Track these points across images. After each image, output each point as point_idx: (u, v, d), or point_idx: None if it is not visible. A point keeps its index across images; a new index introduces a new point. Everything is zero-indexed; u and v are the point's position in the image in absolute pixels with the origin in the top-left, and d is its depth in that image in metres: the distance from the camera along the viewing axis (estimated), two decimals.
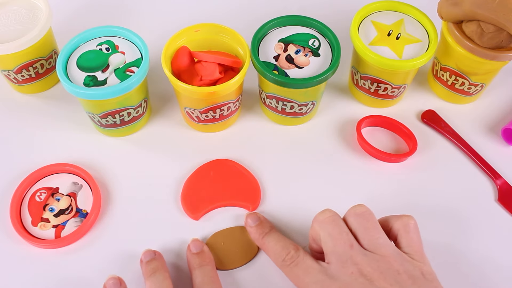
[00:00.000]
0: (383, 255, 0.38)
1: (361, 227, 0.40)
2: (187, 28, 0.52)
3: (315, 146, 0.55)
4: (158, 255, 0.44)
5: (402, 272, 0.37)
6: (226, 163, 0.52)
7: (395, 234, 0.41)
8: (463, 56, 0.52)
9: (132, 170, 0.52)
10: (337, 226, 0.40)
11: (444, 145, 0.55)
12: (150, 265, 0.43)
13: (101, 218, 0.49)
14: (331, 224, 0.40)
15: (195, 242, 0.45)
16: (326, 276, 0.38)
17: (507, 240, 0.48)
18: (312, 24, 0.53)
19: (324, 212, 0.41)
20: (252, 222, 0.46)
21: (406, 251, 0.39)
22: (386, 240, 0.39)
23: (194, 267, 0.43)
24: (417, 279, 0.37)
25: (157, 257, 0.44)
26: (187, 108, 0.52)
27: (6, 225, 0.48)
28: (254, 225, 0.45)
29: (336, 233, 0.39)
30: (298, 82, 0.48)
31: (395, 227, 0.41)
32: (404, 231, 0.40)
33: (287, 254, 0.41)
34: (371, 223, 0.40)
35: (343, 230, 0.39)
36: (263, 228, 0.45)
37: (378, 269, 0.37)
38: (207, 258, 0.44)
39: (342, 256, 0.38)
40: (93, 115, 0.51)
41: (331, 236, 0.39)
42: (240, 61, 0.51)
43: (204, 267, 0.43)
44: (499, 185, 0.52)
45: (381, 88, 0.54)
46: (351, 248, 0.38)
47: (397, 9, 0.55)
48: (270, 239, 0.44)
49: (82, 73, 0.49)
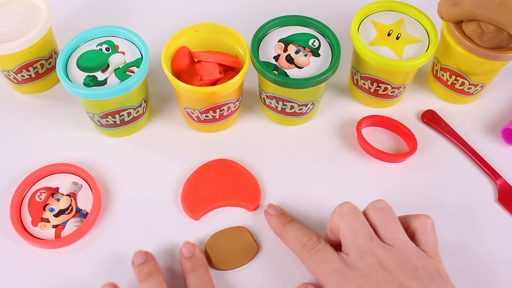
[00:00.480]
0: (402, 250, 0.39)
1: (381, 221, 0.40)
2: (187, 28, 0.52)
3: (315, 146, 0.55)
4: (150, 256, 0.44)
5: (420, 267, 0.38)
6: (226, 163, 0.52)
7: (412, 232, 0.41)
8: (463, 56, 0.52)
9: (132, 170, 0.52)
10: (357, 218, 0.40)
11: (444, 145, 0.55)
12: (143, 268, 0.43)
13: (101, 218, 0.49)
14: (352, 216, 0.40)
15: (187, 245, 0.45)
16: (345, 265, 0.38)
17: (507, 240, 0.48)
18: (312, 24, 0.53)
19: (344, 204, 0.42)
20: (274, 211, 0.46)
21: (423, 248, 0.40)
22: (405, 236, 0.40)
23: (187, 271, 0.43)
24: (433, 277, 0.38)
25: (150, 259, 0.44)
26: (187, 108, 0.52)
27: (6, 225, 0.48)
28: (275, 214, 0.46)
29: (357, 225, 0.40)
30: (298, 82, 0.48)
31: (413, 225, 0.41)
32: (422, 229, 0.41)
33: (309, 240, 0.41)
34: (391, 218, 0.40)
35: (364, 223, 0.40)
36: (286, 217, 0.45)
37: (397, 262, 0.38)
38: (199, 262, 0.44)
39: (362, 248, 0.39)
40: (93, 115, 0.51)
41: (351, 228, 0.40)
42: (240, 61, 0.51)
43: (197, 271, 0.43)
44: (499, 185, 0.52)
45: (381, 88, 0.54)
46: (371, 240, 0.39)
47: (397, 9, 0.56)
48: (292, 226, 0.44)
49: (82, 73, 0.49)
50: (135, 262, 0.44)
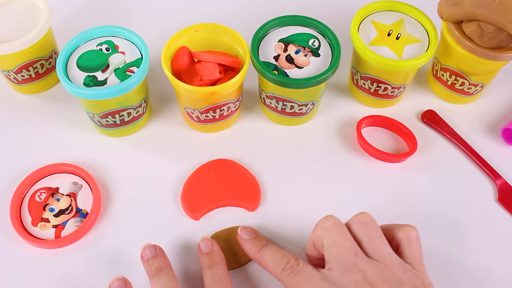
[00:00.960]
0: (387, 264, 0.38)
1: (366, 236, 0.39)
2: (187, 28, 0.52)
3: (315, 146, 0.55)
4: (159, 250, 0.44)
5: (405, 281, 0.37)
6: (226, 163, 0.52)
7: (397, 243, 0.41)
8: (463, 56, 0.52)
9: (132, 170, 0.52)
10: (342, 233, 0.39)
11: (444, 145, 0.55)
12: (153, 263, 0.42)
13: (101, 218, 0.49)
14: (336, 232, 0.39)
15: (205, 241, 0.45)
16: (328, 283, 0.37)
17: (507, 240, 0.48)
18: (312, 24, 0.53)
19: (328, 219, 0.40)
20: (247, 235, 0.44)
21: (408, 261, 0.39)
22: (390, 249, 0.39)
23: (205, 267, 0.43)
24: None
25: (159, 253, 0.43)
26: (187, 108, 0.52)
27: (6, 225, 0.48)
28: (249, 238, 0.44)
29: (341, 240, 0.39)
30: (298, 82, 0.48)
31: (398, 236, 0.41)
32: (407, 241, 0.40)
33: (287, 263, 0.40)
34: (375, 232, 0.40)
35: (348, 238, 0.39)
36: (260, 241, 0.44)
37: (382, 277, 0.37)
38: (217, 258, 0.44)
39: (346, 263, 0.38)
40: (93, 115, 0.51)
41: (336, 244, 0.39)
42: (240, 61, 0.51)
43: (214, 267, 0.43)
44: (499, 185, 0.52)
45: (381, 88, 0.54)
46: (355, 255, 0.38)
47: (397, 9, 0.56)
48: (268, 251, 0.42)
49: (82, 73, 0.49)
50: (144, 257, 0.43)
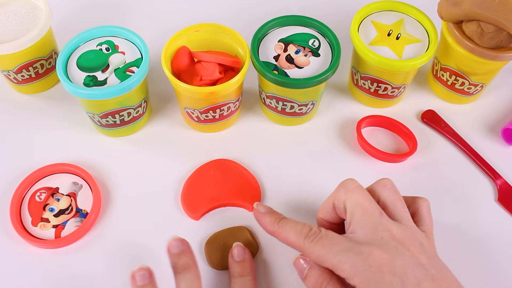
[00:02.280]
0: (409, 227, 0.39)
1: (389, 199, 0.40)
2: (187, 28, 0.52)
3: (315, 146, 0.55)
4: (187, 246, 0.42)
5: (425, 245, 0.38)
6: (226, 163, 0.52)
7: (412, 212, 0.42)
8: (463, 56, 0.52)
9: (132, 170, 0.52)
10: (366, 195, 0.40)
11: (444, 145, 0.55)
12: (180, 260, 0.41)
13: (101, 218, 0.49)
14: (359, 194, 0.40)
15: (238, 248, 0.44)
16: (354, 243, 0.37)
17: (507, 240, 0.48)
18: (312, 24, 0.53)
19: (352, 181, 0.41)
20: (265, 209, 0.43)
21: (422, 229, 0.40)
22: (409, 214, 0.40)
23: (234, 275, 0.43)
24: (435, 255, 0.38)
25: (187, 249, 0.42)
26: (187, 108, 0.52)
27: (6, 225, 0.48)
28: (266, 212, 0.43)
29: (366, 202, 0.39)
30: (298, 82, 0.48)
31: (414, 205, 0.42)
32: (422, 210, 0.41)
33: (310, 230, 0.39)
34: (398, 196, 0.41)
35: (372, 200, 0.39)
36: (278, 214, 0.43)
37: (406, 237, 0.38)
38: (248, 268, 0.44)
39: (371, 224, 0.38)
40: (93, 115, 0.51)
41: (360, 206, 0.39)
42: (240, 61, 0.51)
43: (244, 277, 0.43)
44: (499, 185, 0.52)
45: (381, 88, 0.54)
46: (381, 216, 0.38)
47: (397, 9, 0.56)
48: (287, 221, 0.41)
49: (82, 73, 0.49)
50: (171, 250, 0.41)
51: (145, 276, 0.40)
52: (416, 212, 0.42)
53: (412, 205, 0.42)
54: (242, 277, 0.43)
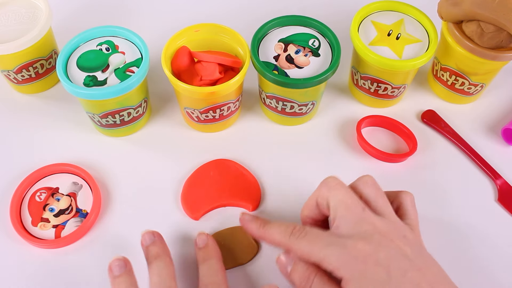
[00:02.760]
0: (392, 221, 0.39)
1: (371, 195, 0.41)
2: (187, 28, 0.52)
3: (315, 146, 0.55)
4: (158, 237, 0.44)
5: (408, 237, 0.38)
6: (226, 163, 0.52)
7: (396, 206, 0.42)
8: (463, 56, 0.52)
9: (132, 170, 0.52)
10: (348, 192, 0.40)
11: (444, 145, 0.55)
12: (151, 250, 0.43)
13: (101, 218, 0.49)
14: (341, 190, 0.40)
15: (200, 236, 0.46)
16: (338, 237, 0.38)
17: (507, 240, 0.48)
18: (312, 24, 0.53)
19: (333, 178, 0.41)
20: (249, 217, 0.45)
21: (407, 223, 0.41)
22: (392, 210, 0.41)
23: (200, 261, 0.44)
24: (421, 248, 0.39)
25: (157, 240, 0.44)
26: (187, 108, 0.52)
27: (6, 225, 0.48)
28: (251, 219, 0.44)
29: (348, 198, 0.40)
30: (298, 82, 0.48)
31: (397, 200, 0.42)
32: (406, 204, 0.42)
33: (294, 228, 0.40)
34: (380, 192, 0.41)
35: (354, 196, 0.40)
36: (263, 219, 0.44)
37: (390, 230, 0.38)
38: (212, 252, 0.44)
39: (355, 218, 0.39)
40: (93, 115, 0.51)
41: (343, 201, 0.40)
42: (240, 61, 0.51)
43: (209, 261, 0.43)
44: (499, 185, 0.52)
45: (381, 88, 0.54)
46: (363, 211, 0.39)
47: (397, 9, 0.56)
48: (272, 224, 0.43)
49: (82, 73, 0.49)
50: (144, 243, 0.43)
51: (121, 266, 0.41)
52: (400, 206, 0.42)
53: (395, 200, 0.43)
54: (206, 261, 0.43)
